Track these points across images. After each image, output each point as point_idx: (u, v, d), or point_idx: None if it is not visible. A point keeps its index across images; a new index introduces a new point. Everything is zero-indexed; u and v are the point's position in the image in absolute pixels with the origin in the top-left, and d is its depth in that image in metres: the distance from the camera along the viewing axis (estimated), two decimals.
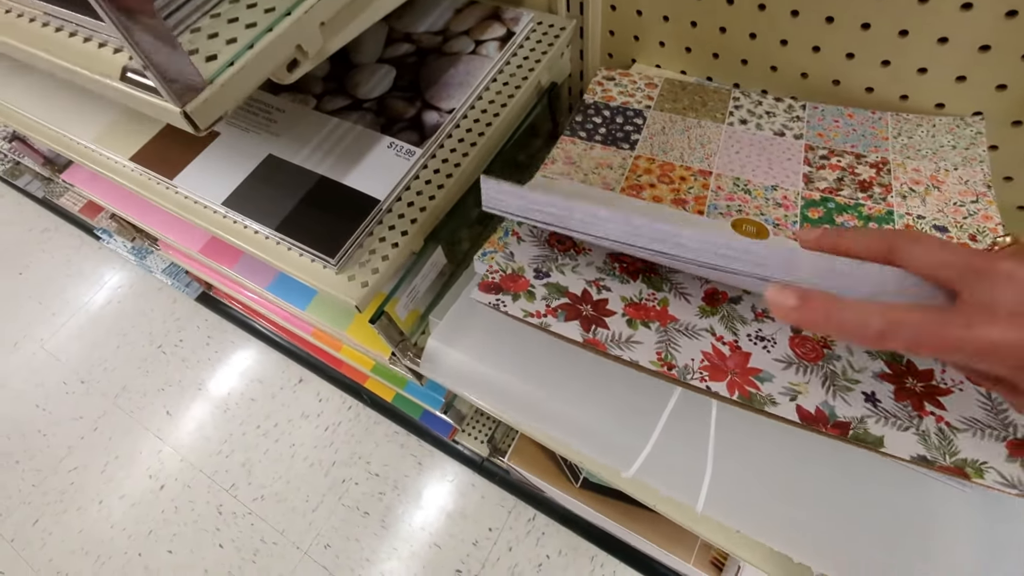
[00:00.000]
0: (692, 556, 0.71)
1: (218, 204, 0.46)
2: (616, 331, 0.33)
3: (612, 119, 0.50)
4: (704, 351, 0.32)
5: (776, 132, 0.47)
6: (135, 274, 1.48)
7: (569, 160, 0.47)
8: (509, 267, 0.37)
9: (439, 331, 0.39)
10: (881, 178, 0.42)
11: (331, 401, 1.23)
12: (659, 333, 0.33)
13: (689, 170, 0.45)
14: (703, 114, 0.49)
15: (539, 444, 0.81)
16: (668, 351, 0.32)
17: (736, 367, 0.31)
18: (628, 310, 0.34)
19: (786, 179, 0.43)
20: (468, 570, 1.02)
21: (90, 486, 1.19)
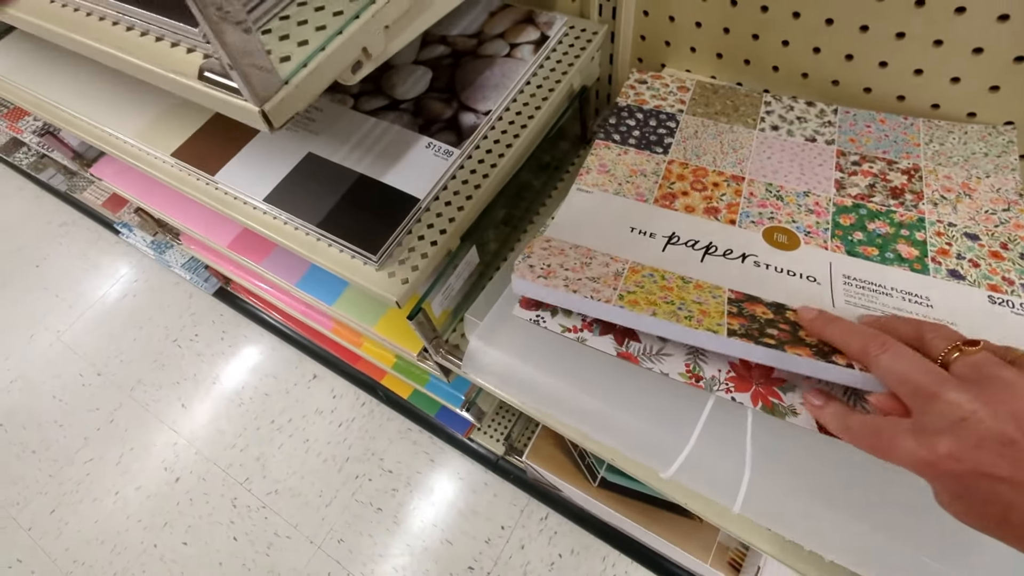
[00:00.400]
0: (710, 556, 0.71)
1: (259, 200, 0.47)
2: (647, 345, 0.34)
3: (645, 122, 0.51)
4: (731, 362, 0.33)
5: (808, 138, 0.47)
6: (152, 269, 1.50)
7: (603, 168, 0.48)
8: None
9: (481, 331, 0.40)
10: (913, 185, 0.42)
11: (345, 398, 1.24)
12: (687, 347, 0.34)
13: (722, 175, 0.46)
14: (735, 119, 0.50)
15: (557, 443, 0.82)
16: (696, 363, 0.33)
17: (761, 377, 0.32)
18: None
19: (818, 185, 0.44)
20: (480, 567, 1.03)
21: (106, 477, 1.20)
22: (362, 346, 0.83)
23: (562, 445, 0.81)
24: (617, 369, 0.38)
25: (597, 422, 0.37)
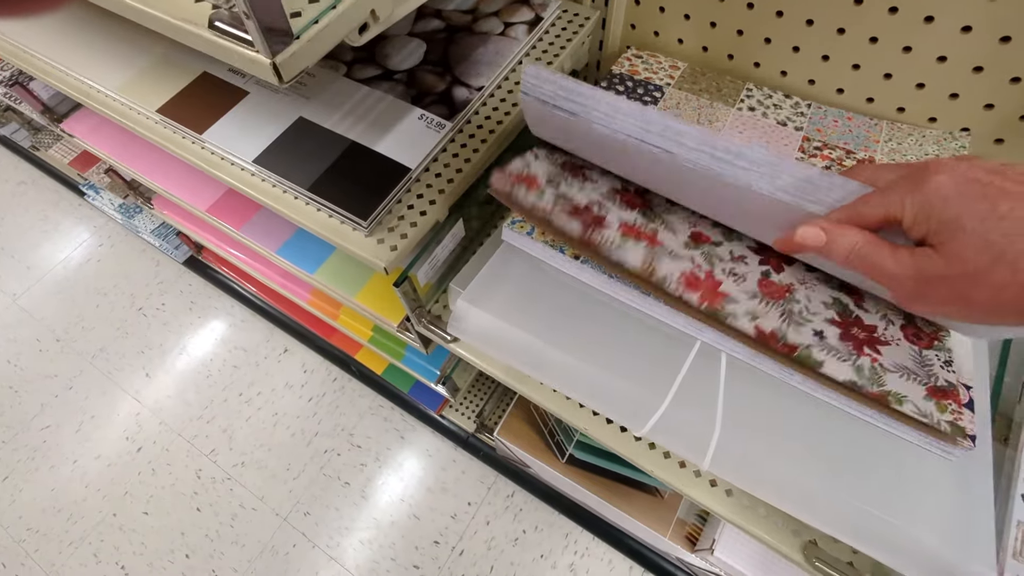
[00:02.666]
0: (668, 530, 0.75)
1: (249, 162, 0.47)
2: (611, 237, 0.37)
3: (634, 90, 0.53)
4: (683, 271, 0.36)
5: (779, 122, 0.51)
6: (118, 234, 1.45)
7: None
8: (525, 172, 0.40)
9: (469, 292, 0.41)
10: None
11: (316, 372, 1.24)
12: (647, 250, 0.37)
13: None
14: (717, 98, 0.53)
15: (527, 421, 0.84)
16: (653, 263, 0.36)
17: (708, 288, 0.36)
18: (623, 227, 0.38)
19: None
20: (446, 542, 1.05)
21: (64, 445, 1.17)
22: (339, 318, 0.83)
23: (532, 423, 0.84)
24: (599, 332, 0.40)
25: (579, 383, 0.39)
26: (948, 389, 0.32)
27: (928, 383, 0.33)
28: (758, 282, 0.37)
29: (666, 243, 0.38)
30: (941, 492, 0.34)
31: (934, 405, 0.32)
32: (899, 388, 0.32)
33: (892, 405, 0.32)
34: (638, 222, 0.39)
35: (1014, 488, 0.37)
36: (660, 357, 0.38)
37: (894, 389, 0.32)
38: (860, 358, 0.33)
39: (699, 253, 0.38)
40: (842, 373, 0.33)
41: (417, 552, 1.04)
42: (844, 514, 0.33)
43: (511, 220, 0.45)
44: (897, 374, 0.33)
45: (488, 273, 0.43)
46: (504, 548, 1.04)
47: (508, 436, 0.82)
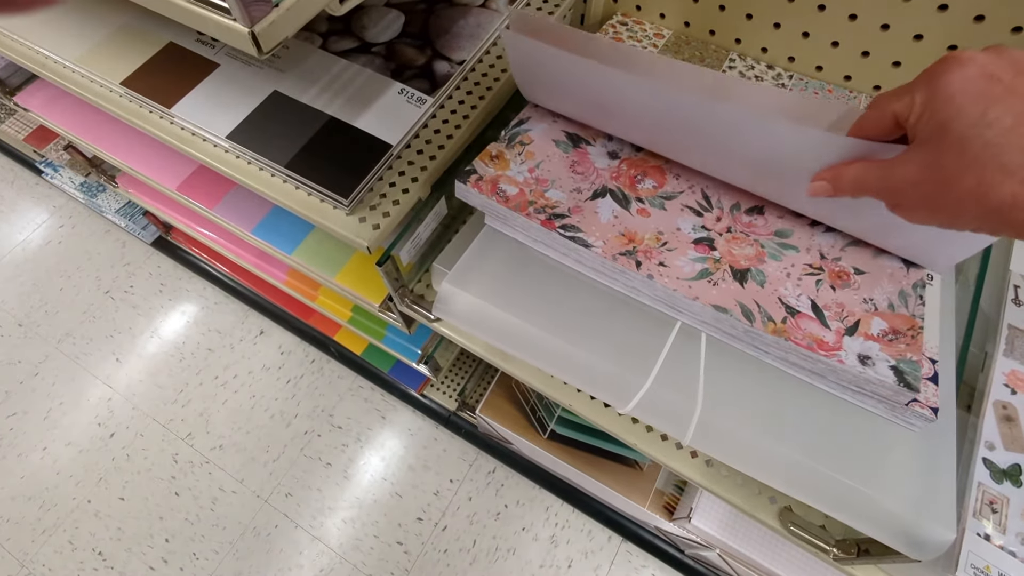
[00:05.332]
0: (647, 501, 0.77)
1: (222, 137, 0.45)
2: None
3: None
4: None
5: None
6: (80, 214, 1.39)
7: None
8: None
9: (453, 275, 0.41)
10: None
11: (294, 354, 1.22)
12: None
13: None
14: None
15: (509, 398, 0.85)
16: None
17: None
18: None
19: None
20: (429, 518, 1.06)
21: (32, 432, 1.14)
22: (317, 299, 0.82)
23: (514, 400, 0.84)
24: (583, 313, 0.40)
25: (564, 363, 0.40)
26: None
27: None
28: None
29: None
30: (906, 459, 0.35)
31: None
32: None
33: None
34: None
35: (976, 452, 0.39)
36: (642, 337, 0.39)
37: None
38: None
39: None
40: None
41: (400, 529, 1.05)
42: (816, 482, 0.35)
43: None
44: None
45: (471, 255, 0.43)
46: (486, 523, 1.05)
47: (490, 414, 0.83)
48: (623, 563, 1.01)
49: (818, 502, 0.35)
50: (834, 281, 0.37)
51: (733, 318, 0.35)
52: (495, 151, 0.43)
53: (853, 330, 0.35)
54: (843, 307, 0.36)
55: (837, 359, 0.33)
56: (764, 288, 0.36)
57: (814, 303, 0.36)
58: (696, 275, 0.37)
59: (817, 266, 0.38)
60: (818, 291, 0.36)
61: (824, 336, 0.34)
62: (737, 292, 0.36)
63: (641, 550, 1.00)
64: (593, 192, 0.41)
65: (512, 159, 0.43)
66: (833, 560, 0.41)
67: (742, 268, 0.37)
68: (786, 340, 0.34)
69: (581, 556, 1.02)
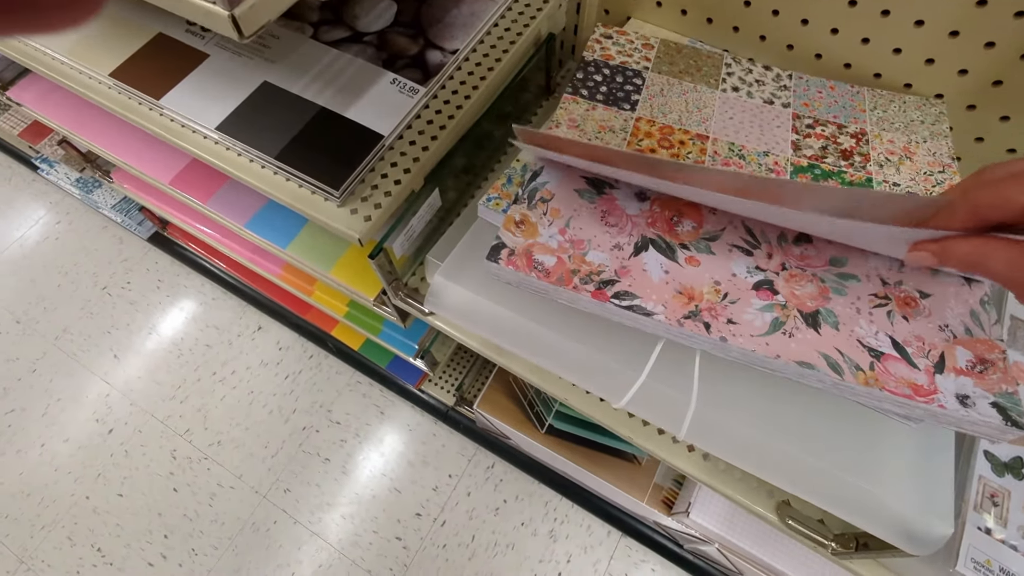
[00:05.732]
0: (646, 496, 0.77)
1: (211, 129, 0.45)
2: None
3: (612, 78, 0.51)
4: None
5: (766, 100, 0.49)
6: (77, 210, 1.39)
7: (573, 123, 0.48)
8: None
9: (445, 268, 0.41)
10: (861, 148, 0.46)
11: (292, 350, 1.22)
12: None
13: (688, 134, 0.47)
14: (698, 79, 0.51)
15: (507, 393, 0.84)
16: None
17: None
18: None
19: (776, 145, 0.46)
20: (428, 514, 1.06)
21: (31, 429, 1.13)
22: (313, 294, 0.82)
23: (512, 394, 0.84)
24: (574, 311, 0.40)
25: (557, 357, 0.39)
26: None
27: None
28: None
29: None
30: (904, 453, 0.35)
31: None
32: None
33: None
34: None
35: (976, 445, 0.39)
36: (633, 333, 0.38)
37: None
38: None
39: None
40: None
41: (399, 525, 1.05)
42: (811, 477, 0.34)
43: (487, 197, 0.44)
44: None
45: (464, 248, 0.42)
46: (485, 518, 1.05)
47: (488, 409, 0.83)
48: (623, 558, 1.01)
49: (814, 497, 0.35)
50: (904, 310, 0.34)
51: (821, 373, 0.32)
52: (519, 215, 0.39)
53: (942, 366, 0.32)
54: (923, 340, 0.33)
55: (937, 404, 0.30)
56: (840, 331, 0.34)
57: (894, 340, 0.33)
58: (769, 328, 0.34)
59: (883, 295, 0.35)
60: (893, 325, 0.34)
61: (916, 379, 0.31)
62: (815, 341, 0.33)
63: (641, 545, 1.00)
64: (635, 246, 0.37)
65: (539, 222, 0.39)
66: (831, 554, 0.41)
67: (811, 311, 0.34)
68: (881, 390, 0.31)
69: (580, 551, 1.02)
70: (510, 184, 0.43)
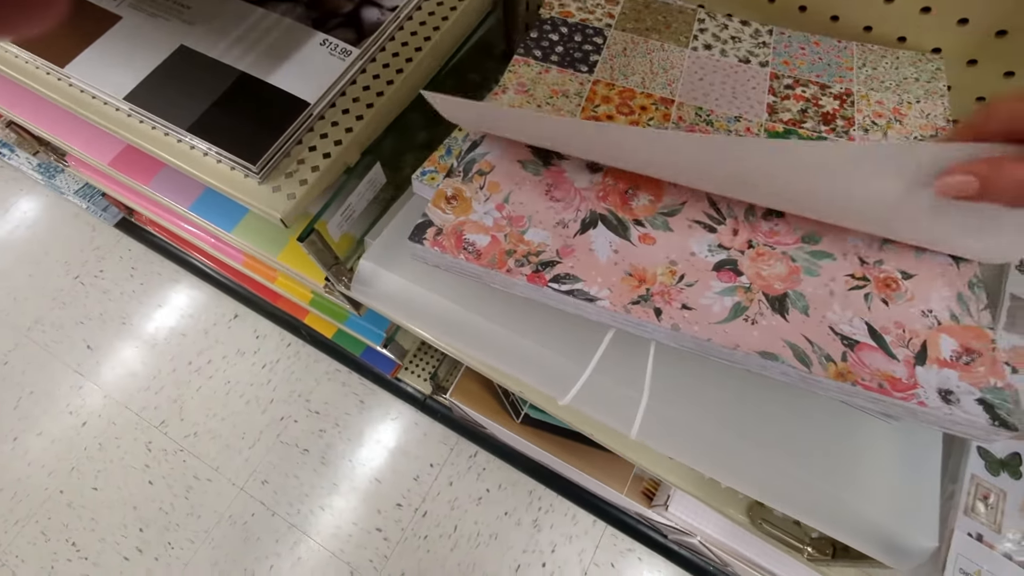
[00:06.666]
0: (625, 487, 0.73)
1: (119, 99, 0.40)
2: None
3: (570, 37, 0.46)
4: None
5: (741, 59, 0.44)
6: (47, 198, 1.34)
7: (522, 87, 0.43)
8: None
9: (373, 251, 0.36)
10: (844, 110, 0.41)
11: (269, 338, 1.18)
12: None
13: (650, 98, 0.42)
14: (667, 36, 0.46)
15: (481, 381, 0.81)
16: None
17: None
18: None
19: (750, 109, 0.41)
20: (409, 504, 1.03)
21: (2, 423, 1.11)
22: (276, 280, 0.78)
23: (487, 384, 0.80)
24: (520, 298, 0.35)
25: (497, 349, 0.35)
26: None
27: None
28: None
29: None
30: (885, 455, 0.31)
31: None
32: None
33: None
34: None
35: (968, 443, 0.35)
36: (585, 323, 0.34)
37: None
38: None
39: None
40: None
41: (380, 515, 1.02)
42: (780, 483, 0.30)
43: (421, 171, 0.40)
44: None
45: (396, 228, 0.38)
46: (468, 508, 1.02)
47: (461, 398, 0.79)
48: (608, 547, 0.98)
49: (782, 504, 0.31)
50: (884, 292, 0.30)
51: (785, 365, 0.28)
52: (451, 190, 0.34)
53: (923, 357, 0.28)
54: (903, 326, 0.29)
55: (916, 400, 0.27)
56: (810, 317, 0.30)
57: (871, 327, 0.29)
58: (729, 315, 0.30)
59: (860, 276, 0.31)
60: (871, 310, 0.30)
61: (895, 371, 0.28)
62: (781, 328, 0.29)
63: (626, 535, 0.97)
64: (582, 223, 0.33)
65: (474, 196, 0.34)
66: (807, 559, 0.37)
67: (778, 294, 0.30)
68: (853, 384, 0.28)
69: (565, 540, 0.99)
70: (449, 156, 0.39)
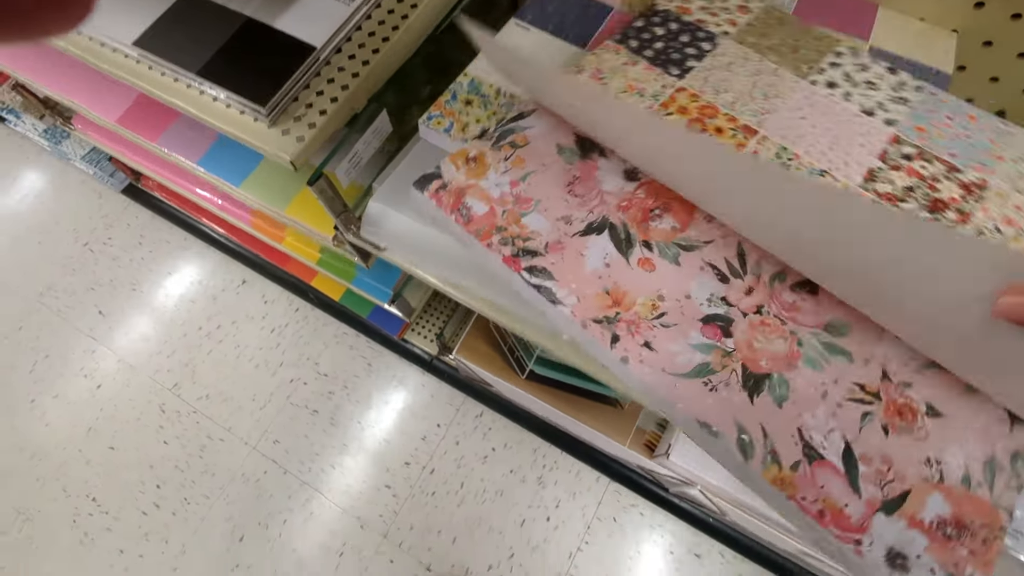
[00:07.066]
0: (628, 439, 0.75)
1: (128, 45, 0.41)
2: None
3: (676, 35, 0.41)
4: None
5: (865, 110, 0.37)
6: (54, 167, 1.35)
7: (598, 73, 0.39)
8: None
9: (382, 192, 0.37)
10: (965, 203, 0.33)
11: (277, 303, 1.20)
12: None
13: (733, 122, 0.36)
14: (787, 61, 0.40)
15: (487, 338, 0.82)
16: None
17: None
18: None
19: (843, 167, 0.34)
20: (416, 462, 1.06)
21: (19, 385, 1.14)
22: (284, 240, 0.79)
23: (492, 341, 0.82)
24: None
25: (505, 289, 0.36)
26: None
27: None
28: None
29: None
30: None
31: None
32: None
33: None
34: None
35: None
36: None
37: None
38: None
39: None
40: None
41: (388, 473, 1.05)
42: None
43: (428, 115, 0.41)
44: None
45: (405, 170, 0.39)
46: (474, 466, 1.05)
47: (467, 355, 0.81)
48: (611, 502, 1.01)
49: None
50: (891, 419, 0.26)
51: (723, 444, 0.25)
52: (475, 152, 0.33)
53: (895, 506, 0.24)
54: (891, 465, 0.25)
55: (853, 546, 0.23)
56: (782, 408, 0.26)
57: (848, 448, 0.25)
58: (690, 371, 0.27)
59: (872, 391, 0.26)
60: (861, 431, 0.25)
61: (847, 506, 0.24)
62: (741, 407, 0.26)
63: (628, 489, 1.00)
64: (587, 225, 0.31)
65: (494, 164, 0.33)
66: None
67: (760, 372, 0.27)
68: (787, 498, 0.24)
69: (569, 496, 1.02)
70: (454, 101, 0.40)
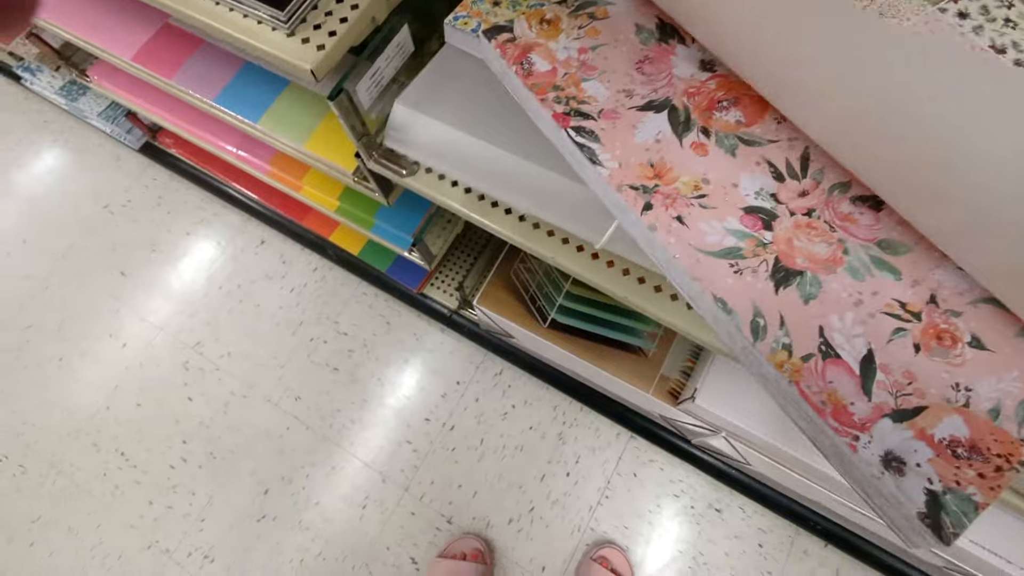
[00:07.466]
0: (652, 387, 0.74)
1: None
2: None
3: None
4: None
5: (997, 47, 0.28)
6: (72, 129, 1.35)
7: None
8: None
9: (408, 93, 0.36)
10: None
11: (296, 263, 1.20)
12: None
13: None
14: None
15: (507, 288, 0.81)
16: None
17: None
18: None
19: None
20: (436, 418, 1.06)
21: (48, 344, 1.16)
22: (302, 190, 0.78)
23: (513, 290, 0.81)
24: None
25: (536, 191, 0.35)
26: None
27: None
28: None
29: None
30: None
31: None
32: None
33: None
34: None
35: None
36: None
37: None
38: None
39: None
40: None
41: (409, 429, 1.06)
42: None
43: (454, 16, 0.39)
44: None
45: (430, 75, 0.37)
46: (494, 422, 1.05)
47: (489, 305, 0.80)
48: (631, 458, 1.01)
49: None
50: (926, 339, 0.24)
51: (732, 323, 0.24)
52: (552, 14, 0.32)
53: (905, 416, 0.23)
54: (913, 379, 0.24)
55: (850, 440, 0.23)
56: (807, 305, 0.25)
57: (870, 354, 0.24)
58: (719, 251, 0.26)
59: (915, 310, 0.25)
60: (888, 342, 0.24)
61: (852, 404, 0.23)
62: (763, 293, 0.25)
63: (649, 443, 0.99)
64: (647, 102, 0.30)
65: (567, 30, 0.32)
66: None
67: (793, 268, 0.26)
68: (791, 383, 0.23)
69: (589, 452, 1.02)
70: (481, 2, 0.38)
